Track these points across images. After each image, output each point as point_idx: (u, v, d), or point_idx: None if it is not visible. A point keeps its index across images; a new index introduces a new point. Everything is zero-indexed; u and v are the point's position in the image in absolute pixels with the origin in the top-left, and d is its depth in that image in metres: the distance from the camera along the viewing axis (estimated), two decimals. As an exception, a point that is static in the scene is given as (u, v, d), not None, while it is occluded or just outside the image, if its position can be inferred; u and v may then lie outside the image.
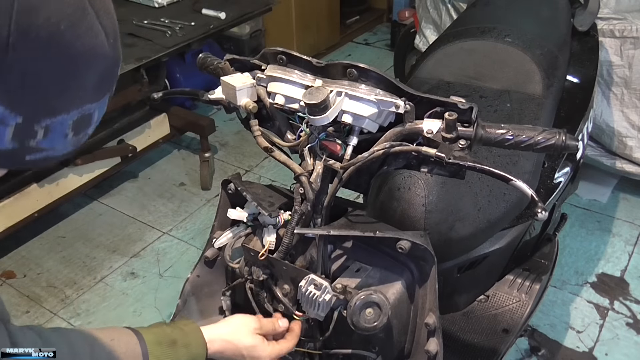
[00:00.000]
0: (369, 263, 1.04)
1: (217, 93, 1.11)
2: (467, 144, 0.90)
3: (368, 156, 0.95)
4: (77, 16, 0.51)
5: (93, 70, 0.55)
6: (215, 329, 1.00)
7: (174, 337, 0.92)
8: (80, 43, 0.52)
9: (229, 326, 1.01)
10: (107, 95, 0.59)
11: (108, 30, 0.55)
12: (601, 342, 2.07)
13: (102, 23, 0.54)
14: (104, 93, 0.58)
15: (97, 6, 0.54)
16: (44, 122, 0.53)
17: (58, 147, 0.57)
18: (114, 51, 0.57)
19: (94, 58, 0.54)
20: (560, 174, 1.66)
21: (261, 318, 1.05)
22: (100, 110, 0.60)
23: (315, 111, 0.92)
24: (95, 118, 0.59)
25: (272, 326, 1.05)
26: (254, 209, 1.10)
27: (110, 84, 0.59)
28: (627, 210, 2.64)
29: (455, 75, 1.64)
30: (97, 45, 0.54)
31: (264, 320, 1.05)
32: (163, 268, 2.48)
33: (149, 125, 2.78)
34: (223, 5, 2.80)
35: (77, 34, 0.52)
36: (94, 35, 0.53)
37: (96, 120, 0.60)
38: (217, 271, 1.21)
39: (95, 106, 0.58)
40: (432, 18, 3.08)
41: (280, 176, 2.93)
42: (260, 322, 1.03)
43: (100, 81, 0.56)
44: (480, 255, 1.44)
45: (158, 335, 0.91)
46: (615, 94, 2.44)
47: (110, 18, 0.56)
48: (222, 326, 1.01)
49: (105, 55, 0.55)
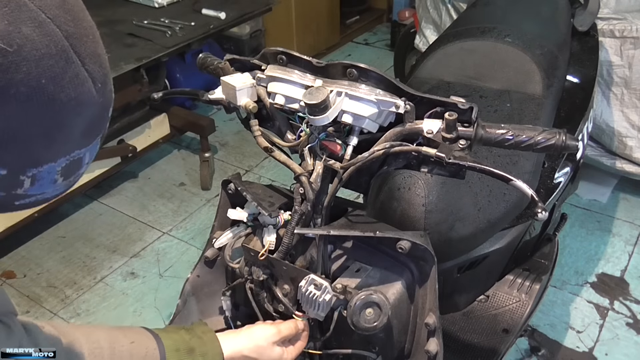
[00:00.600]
0: (369, 263, 1.04)
1: (217, 93, 1.11)
2: (467, 144, 0.90)
3: (368, 156, 0.95)
4: (60, 67, 0.49)
5: (80, 119, 0.53)
6: (236, 340, 0.98)
7: (192, 345, 0.92)
8: (65, 94, 0.50)
9: (250, 339, 1.00)
10: (97, 138, 0.57)
11: (95, 75, 0.53)
12: (601, 342, 2.07)
13: (89, 69, 0.52)
14: (93, 137, 0.56)
15: (82, 52, 0.51)
16: (30, 172, 0.52)
17: (48, 192, 0.56)
18: (103, 96, 0.54)
19: (80, 107, 0.52)
20: (560, 174, 1.66)
21: (280, 324, 1.04)
22: (92, 153, 0.57)
23: (315, 111, 0.92)
24: (86, 161, 0.57)
25: (291, 330, 1.04)
26: (254, 209, 1.09)
27: (100, 128, 0.57)
28: (627, 210, 2.64)
29: (455, 75, 1.64)
30: (83, 94, 0.52)
31: (282, 326, 1.03)
32: (163, 268, 2.48)
33: (149, 125, 2.78)
34: (223, 5, 2.80)
35: (61, 85, 0.49)
36: (80, 84, 0.51)
37: (87, 162, 0.58)
38: (217, 271, 1.20)
39: (85, 150, 0.56)
40: (432, 18, 3.08)
41: (280, 176, 2.93)
42: (280, 330, 1.02)
43: (89, 127, 0.54)
44: (480, 255, 1.44)
45: (176, 342, 0.91)
46: (615, 94, 2.44)
47: (98, 61, 0.54)
48: (243, 338, 1.00)
49: (93, 102, 0.53)
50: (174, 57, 2.83)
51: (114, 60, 2.26)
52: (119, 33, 2.52)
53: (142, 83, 2.57)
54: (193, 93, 1.19)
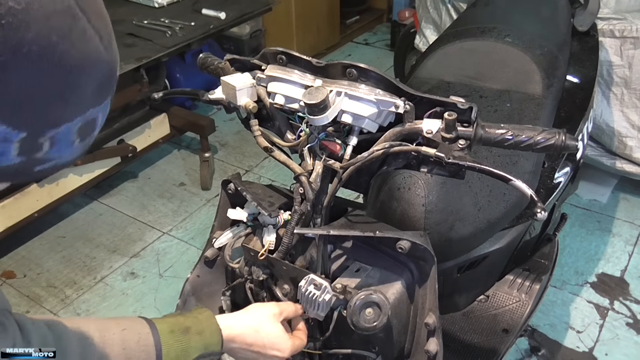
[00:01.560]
0: (368, 263, 1.04)
1: (217, 93, 1.11)
2: (466, 143, 0.90)
3: (368, 156, 0.95)
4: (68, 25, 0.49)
5: (92, 77, 0.53)
6: (234, 317, 0.96)
7: (187, 324, 0.90)
8: (75, 51, 0.50)
9: (249, 314, 0.97)
10: (108, 98, 0.58)
11: (102, 33, 0.53)
12: (601, 342, 2.07)
13: (95, 26, 0.52)
14: (105, 97, 0.57)
15: (88, 10, 0.51)
16: (49, 134, 0.52)
17: (65, 155, 0.56)
18: (110, 54, 0.55)
19: (91, 65, 0.52)
20: (560, 174, 1.66)
21: (281, 303, 1.02)
22: (104, 113, 0.58)
23: (314, 111, 0.92)
24: (99, 121, 0.58)
25: (293, 308, 1.01)
26: (253, 209, 1.10)
27: (110, 87, 0.58)
28: (627, 210, 2.64)
29: (455, 75, 1.63)
30: (92, 51, 0.52)
31: (283, 304, 1.01)
32: (163, 268, 2.48)
33: (149, 125, 2.78)
34: (223, 5, 2.80)
35: (71, 42, 0.49)
36: (89, 40, 0.51)
37: (100, 123, 0.59)
38: (217, 271, 1.21)
39: (98, 110, 0.57)
40: (432, 18, 3.08)
41: (280, 176, 2.93)
42: (280, 307, 1.00)
43: (100, 86, 0.55)
44: (480, 255, 1.44)
45: (171, 324, 0.89)
46: (615, 94, 2.44)
47: (103, 20, 0.54)
48: (240, 314, 0.97)
49: (102, 59, 0.54)
50: (174, 57, 2.83)
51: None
52: (119, 33, 2.52)
53: (142, 83, 2.57)
54: (193, 93, 1.19)
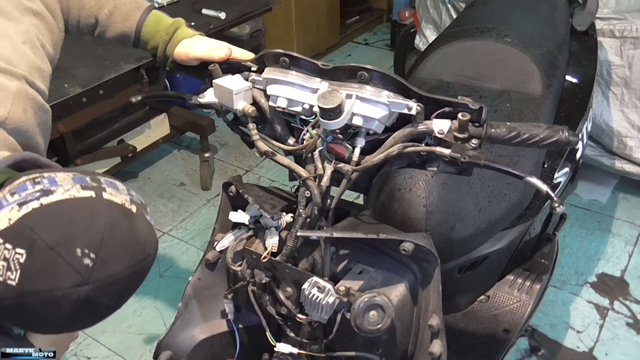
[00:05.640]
0: (371, 265, 1.04)
1: (207, 96, 1.10)
2: (478, 143, 0.92)
3: (383, 157, 0.96)
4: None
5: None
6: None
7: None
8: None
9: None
10: None
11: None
12: (601, 342, 2.07)
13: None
14: None
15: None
16: None
17: None
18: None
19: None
20: (560, 174, 1.67)
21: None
22: None
23: (330, 115, 0.92)
24: None
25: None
26: (255, 212, 1.09)
27: None
28: (627, 210, 2.64)
29: (455, 76, 1.64)
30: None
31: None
32: (163, 268, 2.48)
33: (149, 125, 2.78)
34: (223, 5, 2.80)
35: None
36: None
37: None
38: (218, 274, 1.20)
39: None
40: (432, 18, 3.08)
41: (280, 176, 2.93)
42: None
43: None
44: (480, 255, 1.45)
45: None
46: (615, 94, 2.45)
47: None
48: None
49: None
50: (174, 57, 2.82)
51: (114, 60, 2.26)
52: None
53: (142, 83, 2.56)
54: (177, 96, 1.17)
